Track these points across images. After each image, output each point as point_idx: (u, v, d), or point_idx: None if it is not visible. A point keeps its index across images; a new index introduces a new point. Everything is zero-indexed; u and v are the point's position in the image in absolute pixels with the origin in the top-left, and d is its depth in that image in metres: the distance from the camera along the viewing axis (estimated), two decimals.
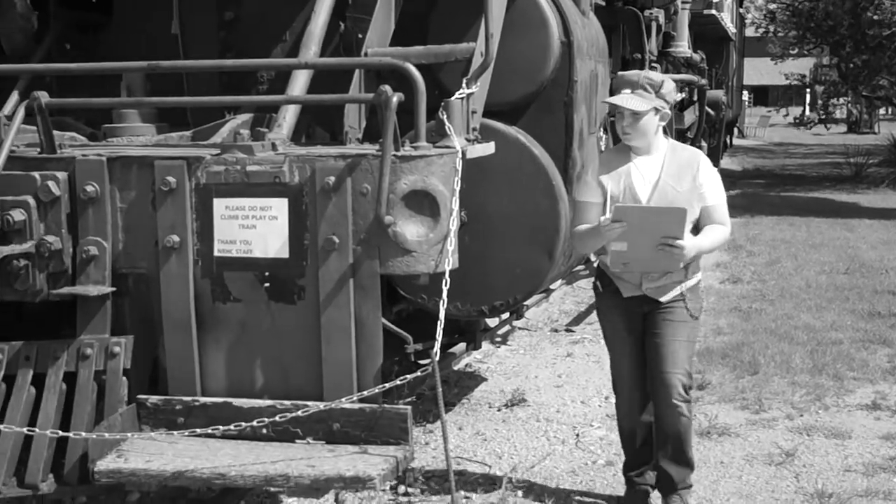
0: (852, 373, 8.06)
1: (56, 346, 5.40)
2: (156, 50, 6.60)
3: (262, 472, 4.95)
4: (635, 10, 11.15)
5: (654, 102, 5.34)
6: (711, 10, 19.37)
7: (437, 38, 6.24)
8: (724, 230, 5.49)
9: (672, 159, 5.45)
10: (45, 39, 7.28)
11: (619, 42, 10.56)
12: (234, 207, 5.23)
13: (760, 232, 15.50)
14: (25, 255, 5.26)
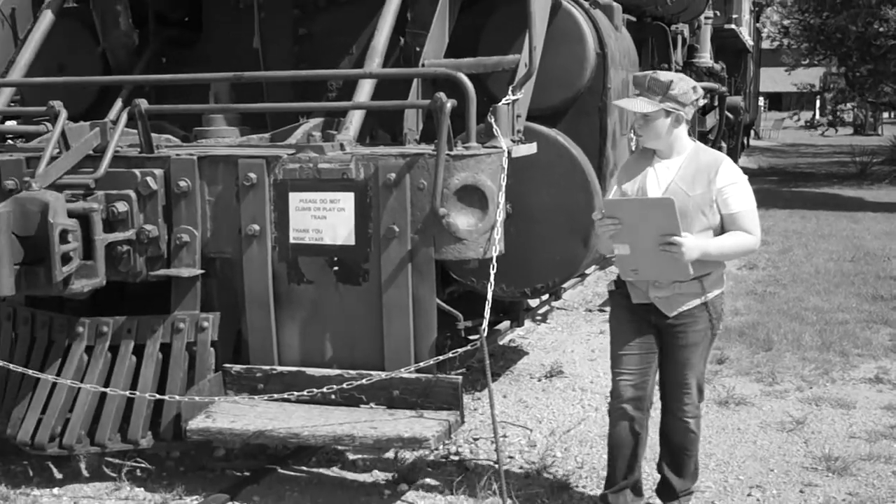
0: (857, 350, 7.99)
1: (153, 320, 5.49)
2: (240, 62, 6.65)
3: (331, 432, 5.01)
4: (663, 25, 11.08)
5: (662, 104, 4.60)
6: (731, 24, 19.24)
7: (487, 51, 6.25)
8: (745, 237, 4.64)
9: (690, 163, 4.68)
10: (144, 54, 7.36)
11: (649, 53, 10.50)
12: (307, 200, 5.28)
13: (774, 223, 15.35)
14: (127, 241, 5.36)
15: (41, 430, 5.45)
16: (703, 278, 4.64)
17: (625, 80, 7.14)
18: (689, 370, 4.79)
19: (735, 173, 4.68)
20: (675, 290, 4.66)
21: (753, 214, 4.69)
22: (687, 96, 4.62)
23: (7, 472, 5.76)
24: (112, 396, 5.40)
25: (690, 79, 4.78)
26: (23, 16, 7.08)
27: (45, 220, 4.90)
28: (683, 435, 4.92)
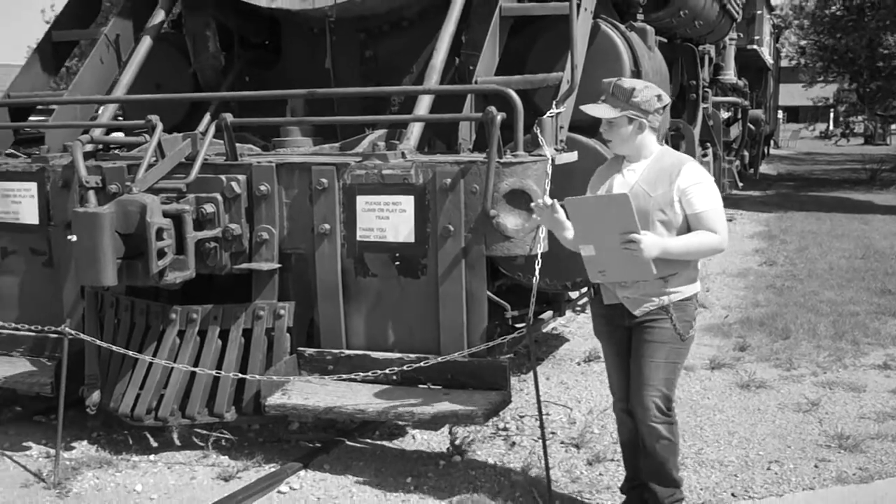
0: (867, 339, 7.87)
1: (237, 308, 5.53)
2: (313, 81, 6.69)
3: (393, 409, 5.02)
4: (691, 46, 11.00)
5: (625, 111, 4.20)
6: (753, 45, 19.07)
7: (533, 69, 6.23)
8: (708, 236, 4.15)
9: (653, 165, 4.26)
10: (229, 74, 7.43)
11: (679, 71, 10.44)
12: (372, 202, 5.30)
13: (792, 224, 15.17)
14: (214, 238, 5.41)
15: (140, 404, 5.52)
16: (667, 278, 4.18)
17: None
18: (653, 370, 4.28)
19: (698, 174, 4.23)
20: (641, 291, 4.23)
21: (718, 214, 4.20)
22: (650, 104, 4.22)
23: (111, 440, 5.84)
24: (201, 375, 5.46)
25: (655, 87, 4.35)
26: (125, 41, 7.17)
27: (143, 220, 4.96)
28: (654, 440, 4.33)
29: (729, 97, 15.33)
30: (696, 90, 11.20)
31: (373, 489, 5.10)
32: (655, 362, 4.28)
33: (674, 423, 4.38)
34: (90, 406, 5.74)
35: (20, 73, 7.42)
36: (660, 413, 4.30)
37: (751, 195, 19.86)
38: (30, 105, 7.43)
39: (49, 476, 5.30)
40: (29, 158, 6.42)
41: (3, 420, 6.29)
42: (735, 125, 17.06)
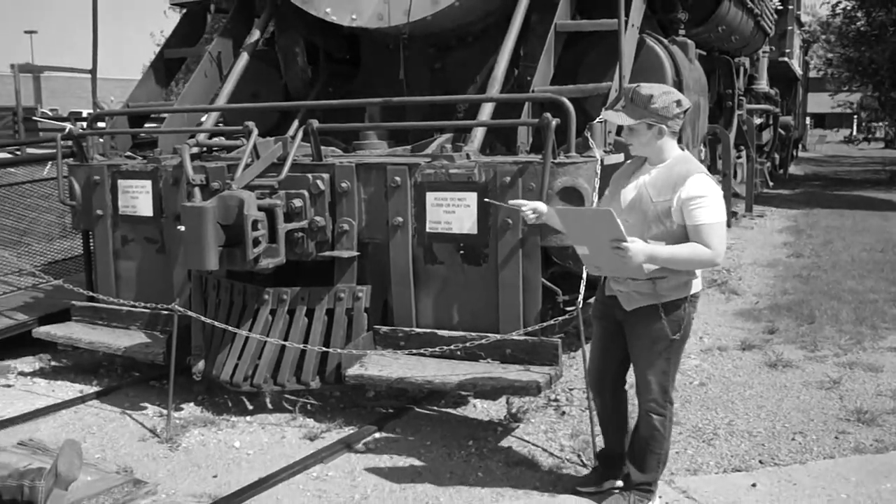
0: (885, 324, 7.68)
1: (321, 291, 5.58)
2: (388, 91, 6.73)
3: (457, 380, 5.03)
4: (728, 58, 10.85)
5: (644, 117, 3.89)
6: (784, 57, 18.73)
7: (585, 79, 6.20)
8: (700, 250, 3.80)
9: (664, 171, 3.93)
10: (315, 85, 7.51)
11: (716, 81, 10.31)
12: (440, 198, 5.32)
13: (817, 220, 14.85)
14: (302, 229, 5.47)
15: (237, 372, 5.61)
16: (656, 280, 3.92)
17: (696, 102, 7.02)
18: (646, 367, 4.09)
19: (703, 188, 3.83)
20: (632, 288, 4.01)
21: (715, 230, 3.81)
22: (668, 110, 3.89)
23: (213, 403, 5.93)
24: (290, 348, 5.53)
25: (675, 92, 4.02)
26: (226, 57, 7.28)
27: (241, 213, 5.04)
28: (647, 429, 4.15)
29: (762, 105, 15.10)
30: (731, 98, 11.07)
31: (439, 450, 5.13)
32: (648, 361, 4.07)
33: (667, 416, 4.15)
34: (196, 373, 5.85)
35: (137, 86, 7.57)
36: (656, 405, 4.11)
37: (780, 193, 19.48)
38: (145, 113, 7.58)
39: (162, 432, 5.41)
40: (144, 160, 6.56)
41: (123, 384, 6.44)
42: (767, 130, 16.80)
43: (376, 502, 4.47)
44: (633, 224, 3.94)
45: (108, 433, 5.51)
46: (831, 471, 4.70)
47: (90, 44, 7.20)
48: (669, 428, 4.21)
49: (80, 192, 6.57)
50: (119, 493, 4.51)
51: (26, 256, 8.61)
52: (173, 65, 7.76)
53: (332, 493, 4.57)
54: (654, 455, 4.19)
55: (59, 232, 9.45)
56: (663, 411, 4.13)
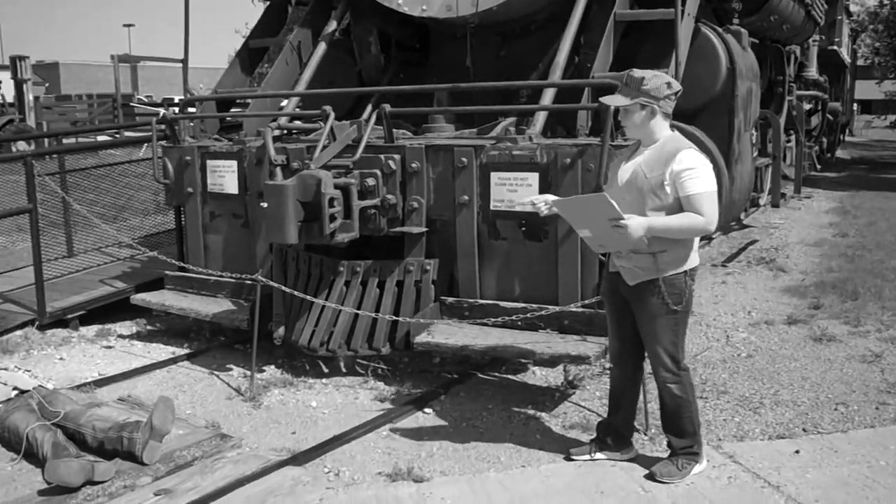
0: None
1: (392, 264, 5.60)
2: (456, 77, 6.69)
3: (517, 349, 5.02)
4: (779, 46, 10.57)
5: (636, 98, 3.90)
6: (833, 46, 18.17)
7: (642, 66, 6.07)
8: (692, 218, 3.80)
9: (656, 149, 3.93)
10: (388, 71, 7.51)
11: (767, 68, 10.05)
12: (503, 178, 5.29)
13: (863, 202, 14.42)
14: (374, 206, 5.48)
15: (314, 338, 5.67)
16: (656, 255, 3.90)
17: (749, 88, 6.85)
18: (651, 339, 4.06)
19: (692, 160, 3.84)
20: (633, 263, 3.98)
21: (705, 198, 3.80)
22: (660, 91, 3.89)
23: (292, 366, 6.01)
24: (362, 316, 5.56)
25: (665, 75, 4.02)
26: (305, 46, 7.32)
27: (319, 191, 5.07)
28: (669, 398, 4.13)
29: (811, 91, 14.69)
30: (782, 85, 10.79)
31: (499, 413, 5.13)
32: (655, 333, 4.04)
33: (683, 382, 4.11)
34: (277, 338, 5.93)
35: (224, 74, 7.66)
36: (669, 374, 4.08)
37: (827, 176, 18.96)
38: (231, 99, 7.66)
39: (246, 392, 5.51)
40: (231, 142, 6.64)
41: (211, 347, 6.56)
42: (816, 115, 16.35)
43: (441, 460, 4.49)
44: (631, 201, 3.93)
45: (198, 391, 5.63)
46: (872, 439, 4.59)
47: (182, 36, 7.30)
48: (691, 391, 4.18)
49: (173, 171, 6.68)
50: (207, 446, 4.61)
51: (124, 230, 8.81)
52: (257, 54, 7.83)
53: (400, 451, 4.60)
54: (686, 419, 4.16)
55: (153, 208, 9.64)
56: (677, 379, 4.10)
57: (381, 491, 4.09)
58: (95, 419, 4.59)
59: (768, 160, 9.91)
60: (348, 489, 4.13)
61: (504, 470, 4.36)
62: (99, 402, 5.16)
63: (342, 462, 4.47)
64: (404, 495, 4.03)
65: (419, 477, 4.22)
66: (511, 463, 4.44)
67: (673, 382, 4.09)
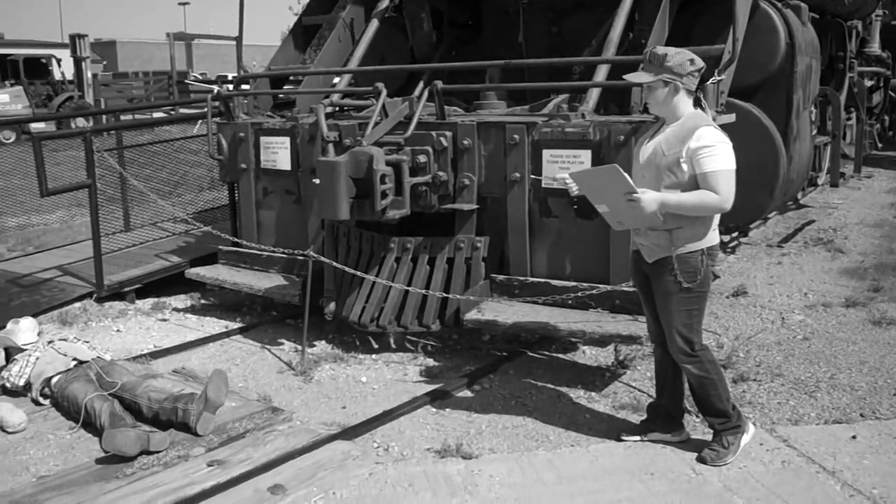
0: None
1: (442, 241, 5.60)
2: (508, 53, 6.64)
3: (568, 327, 4.99)
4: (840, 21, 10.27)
5: (659, 74, 3.84)
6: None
7: (698, 41, 5.96)
8: (707, 195, 3.74)
9: (676, 127, 3.88)
10: (440, 48, 7.47)
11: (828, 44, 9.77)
12: (556, 155, 5.23)
13: None
14: (425, 183, 5.47)
15: (365, 314, 5.70)
16: (672, 231, 3.86)
17: (809, 64, 6.67)
18: (667, 317, 4.02)
19: (711, 137, 3.78)
20: (651, 241, 3.96)
21: (722, 176, 3.74)
22: (683, 67, 3.83)
23: (342, 341, 6.05)
24: (413, 293, 5.57)
25: (687, 51, 3.93)
26: (358, 23, 7.31)
27: (370, 167, 5.07)
28: (691, 377, 4.08)
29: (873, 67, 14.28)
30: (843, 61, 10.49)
31: (549, 392, 5.11)
32: (669, 311, 3.99)
33: (703, 360, 4.04)
34: (327, 313, 5.97)
35: (277, 51, 7.70)
36: (684, 355, 4.03)
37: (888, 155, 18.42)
38: (284, 76, 7.70)
39: (297, 366, 5.56)
40: (284, 118, 6.67)
41: (263, 321, 6.64)
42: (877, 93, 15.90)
43: (490, 437, 4.49)
44: (650, 179, 3.92)
45: (250, 365, 5.70)
46: None
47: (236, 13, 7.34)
48: (713, 368, 4.09)
49: (227, 147, 6.74)
50: (259, 419, 4.66)
51: (179, 205, 8.94)
52: (310, 31, 7.84)
53: (449, 427, 4.61)
54: (713, 396, 4.09)
55: (207, 184, 9.77)
56: (694, 359, 4.04)
57: (430, 467, 4.11)
58: (151, 390, 4.68)
59: (827, 138, 9.66)
60: (397, 464, 4.15)
61: (553, 449, 4.34)
62: (154, 374, 5.26)
63: (391, 437, 4.49)
64: (453, 472, 4.04)
65: (468, 454, 4.22)
66: (560, 442, 4.43)
67: (690, 363, 4.05)
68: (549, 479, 3.96)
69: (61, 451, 4.37)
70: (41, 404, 4.90)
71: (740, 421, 4.18)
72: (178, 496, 3.79)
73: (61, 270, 7.51)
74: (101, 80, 30.39)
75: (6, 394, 5.04)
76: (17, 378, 5.00)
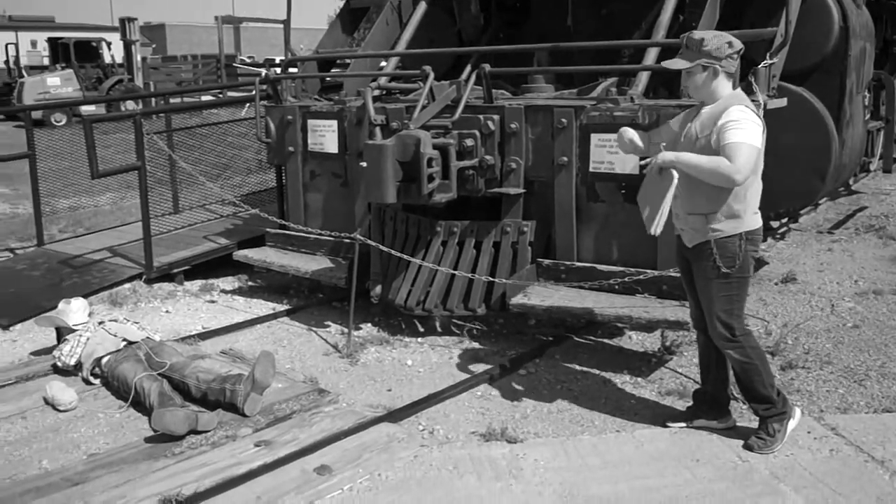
0: None
1: (489, 225, 5.59)
2: (556, 37, 6.58)
3: (614, 312, 4.96)
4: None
5: (697, 60, 3.82)
6: None
7: (749, 24, 5.87)
8: (720, 161, 3.67)
9: (710, 109, 3.86)
10: (487, 31, 7.44)
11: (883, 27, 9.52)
12: (604, 139, 5.19)
13: None
14: (472, 167, 5.46)
15: (411, 297, 5.72)
16: (708, 216, 3.86)
17: (863, 48, 6.52)
18: (707, 303, 4.02)
19: (739, 114, 3.73)
20: (689, 225, 3.97)
21: (741, 148, 3.65)
22: (721, 50, 3.80)
23: (388, 324, 6.09)
24: (459, 277, 5.58)
25: (726, 34, 3.90)
26: (406, 6, 7.31)
27: (417, 151, 5.08)
28: (734, 363, 4.07)
29: None
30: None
31: (595, 377, 5.09)
32: (709, 296, 3.99)
33: (744, 346, 4.01)
34: (374, 296, 6.01)
35: (326, 35, 7.73)
36: (724, 341, 4.01)
37: None
38: (332, 59, 7.73)
39: (343, 348, 5.61)
40: (331, 102, 6.71)
41: (310, 304, 6.70)
42: None
43: (535, 421, 4.49)
44: None
45: (297, 347, 5.76)
46: None
47: None
48: (755, 353, 4.05)
49: (275, 130, 6.80)
50: (306, 400, 4.72)
51: (227, 188, 9.04)
52: (358, 14, 7.86)
53: (494, 411, 4.62)
54: (757, 381, 4.07)
55: (255, 166, 9.86)
56: (735, 344, 4.02)
57: (475, 450, 4.13)
58: (199, 371, 4.76)
59: (881, 123, 9.43)
60: (442, 447, 4.17)
61: (598, 434, 4.33)
62: (202, 355, 5.34)
63: (436, 420, 4.52)
64: (497, 455, 4.05)
65: (513, 438, 4.23)
66: (605, 427, 4.41)
67: (731, 348, 4.03)
68: (594, 464, 3.96)
69: (111, 429, 4.46)
70: (92, 383, 5.01)
71: (786, 407, 4.14)
72: (226, 475, 3.86)
73: (111, 252, 7.65)
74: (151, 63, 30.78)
75: (58, 373, 5.16)
76: (68, 357, 5.11)
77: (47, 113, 21.06)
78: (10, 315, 6.29)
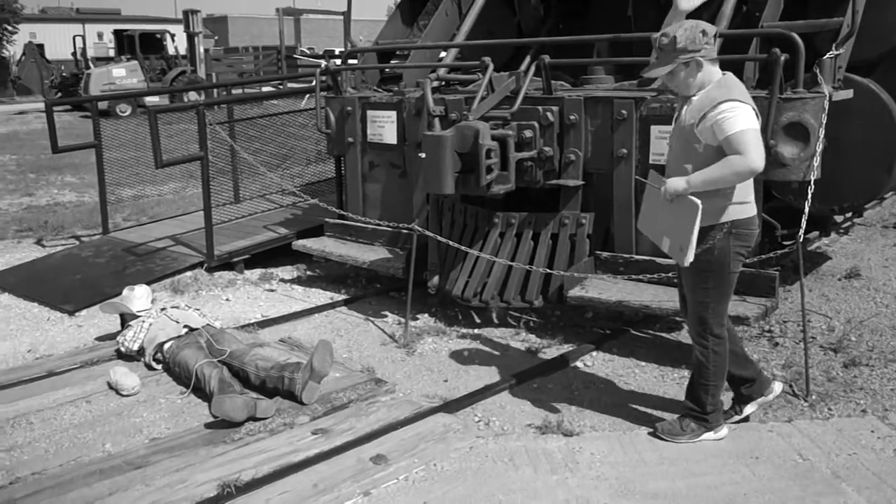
0: None
1: (547, 217, 5.57)
2: (616, 27, 6.51)
3: (673, 307, 4.90)
4: None
5: (676, 59, 3.70)
6: None
7: (814, 14, 5.73)
8: (731, 160, 3.57)
9: (700, 97, 3.73)
10: (547, 23, 7.40)
11: None
12: (664, 131, 5.10)
13: None
14: (531, 158, 5.45)
15: (468, 288, 5.73)
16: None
17: None
18: (688, 295, 3.99)
19: (731, 104, 3.61)
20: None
21: (745, 136, 3.55)
22: (696, 42, 3.67)
23: (445, 314, 6.11)
24: (516, 268, 5.58)
25: (698, 22, 3.75)
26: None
27: (476, 142, 5.08)
28: (694, 359, 4.04)
29: None
30: None
31: (652, 371, 5.05)
32: (687, 285, 3.97)
33: (709, 349, 3.94)
34: (431, 287, 6.04)
35: (385, 26, 7.76)
36: (694, 334, 4.01)
37: None
38: (392, 50, 7.76)
39: (400, 338, 5.65)
40: (391, 93, 6.74)
41: (367, 294, 6.76)
42: None
43: (591, 415, 4.47)
44: (677, 151, 3.87)
45: (354, 336, 5.82)
46: None
47: None
48: (717, 364, 3.98)
49: (334, 121, 6.86)
50: (363, 390, 4.76)
51: (287, 178, 9.14)
52: (418, 5, 7.87)
53: (550, 404, 4.61)
54: (703, 386, 4.03)
55: (314, 157, 9.96)
56: (703, 342, 3.96)
57: (531, 442, 4.12)
58: (258, 358, 4.83)
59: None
60: (498, 439, 4.18)
61: None
62: (261, 343, 5.43)
63: (492, 412, 4.52)
64: (553, 448, 4.05)
65: (568, 431, 4.22)
66: None
67: (697, 343, 4.00)
68: (651, 460, 3.93)
69: (172, 414, 4.56)
70: (154, 369, 5.12)
71: (713, 424, 4.09)
72: (284, 462, 3.92)
73: (174, 240, 7.80)
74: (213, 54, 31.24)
75: (121, 358, 5.30)
76: (131, 343, 5.23)
77: (113, 103, 21.50)
78: (75, 301, 6.47)
